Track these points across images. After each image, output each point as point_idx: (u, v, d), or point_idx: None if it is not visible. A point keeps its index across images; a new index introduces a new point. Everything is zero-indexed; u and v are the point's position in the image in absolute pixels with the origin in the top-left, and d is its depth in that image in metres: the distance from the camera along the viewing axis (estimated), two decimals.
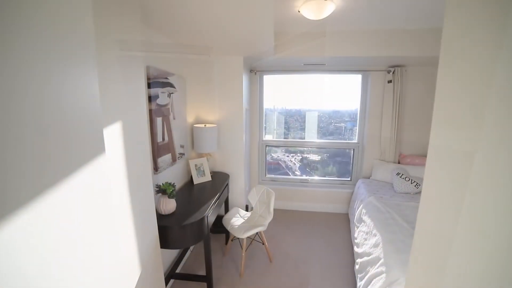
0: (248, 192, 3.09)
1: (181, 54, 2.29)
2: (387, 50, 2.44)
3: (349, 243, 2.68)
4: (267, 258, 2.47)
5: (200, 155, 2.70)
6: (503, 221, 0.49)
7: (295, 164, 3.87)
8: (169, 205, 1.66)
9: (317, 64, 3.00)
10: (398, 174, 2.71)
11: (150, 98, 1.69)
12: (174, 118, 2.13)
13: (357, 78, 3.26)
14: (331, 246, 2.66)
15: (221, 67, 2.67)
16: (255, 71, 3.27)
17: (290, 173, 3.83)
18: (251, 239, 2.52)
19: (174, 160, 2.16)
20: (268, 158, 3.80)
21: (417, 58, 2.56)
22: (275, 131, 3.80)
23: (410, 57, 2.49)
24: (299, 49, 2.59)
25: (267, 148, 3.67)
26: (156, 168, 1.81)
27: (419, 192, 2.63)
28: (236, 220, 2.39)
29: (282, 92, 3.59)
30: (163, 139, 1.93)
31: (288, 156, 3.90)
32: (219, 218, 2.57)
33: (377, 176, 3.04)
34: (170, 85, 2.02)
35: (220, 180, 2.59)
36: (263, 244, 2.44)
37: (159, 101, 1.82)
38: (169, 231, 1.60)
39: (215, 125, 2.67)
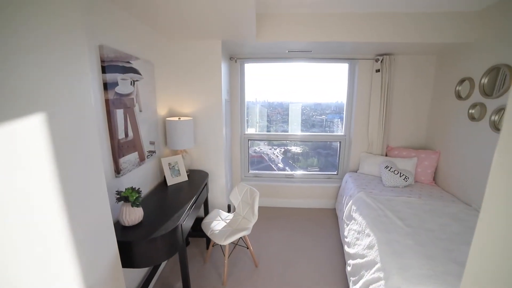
0: (230, 190, 2.85)
1: (147, 35, 1.94)
2: (376, 35, 2.28)
3: (338, 241, 2.56)
4: (253, 263, 2.27)
5: (175, 152, 2.40)
6: None
7: (277, 156, 3.70)
8: (134, 215, 1.37)
9: (302, 51, 2.79)
10: (386, 167, 2.62)
11: (106, 86, 1.36)
12: (140, 111, 1.81)
13: (344, 68, 3.10)
14: (319, 245, 2.52)
15: (197, 52, 2.36)
16: (235, 58, 2.98)
17: (273, 166, 3.66)
18: (234, 244, 2.30)
19: (142, 159, 1.85)
20: (251, 151, 3.57)
21: (405, 46, 2.44)
22: (257, 124, 3.56)
23: (399, 43, 2.35)
24: (284, 33, 2.35)
25: (249, 142, 3.43)
26: (117, 170, 1.50)
27: (408, 186, 2.56)
28: (217, 223, 2.15)
29: (265, 83, 3.34)
30: (127, 135, 1.62)
31: (271, 149, 3.71)
32: (199, 220, 2.31)
33: (365, 169, 2.94)
34: (134, 71, 1.69)
35: (198, 180, 2.31)
36: (247, 248, 2.23)
37: (118, 89, 1.49)
38: (134, 246, 1.31)
39: (191, 118, 2.37)
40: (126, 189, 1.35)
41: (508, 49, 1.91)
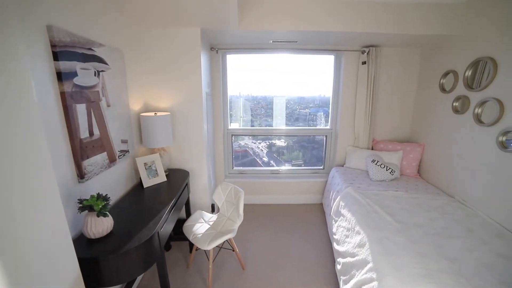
0: (213, 189, 2.69)
1: (115, 19, 1.71)
2: (362, 25, 2.20)
3: (327, 238, 2.52)
4: (239, 266, 2.16)
5: (152, 151, 2.20)
6: None
7: (262, 150, 3.60)
8: (101, 225, 1.19)
9: (287, 42, 2.65)
10: (373, 161, 2.59)
11: (60, 76, 1.15)
12: (108, 105, 1.59)
13: (329, 60, 3.01)
14: (308, 243, 2.46)
15: (174, 41, 2.15)
16: (217, 49, 2.79)
17: (258, 160, 3.57)
18: (219, 247, 2.17)
19: (112, 160, 1.64)
20: (236, 146, 3.43)
21: (391, 37, 2.38)
22: (241, 119, 3.41)
23: (384, 34, 2.29)
24: (268, 21, 2.19)
25: (233, 137, 3.28)
26: (81, 175, 1.30)
27: (394, 179, 2.56)
28: (200, 226, 2.00)
29: (248, 76, 3.18)
30: (92, 133, 1.40)
31: (255, 143, 3.60)
32: (181, 221, 2.15)
33: (351, 163, 2.91)
34: (98, 59, 1.46)
35: (178, 180, 2.14)
36: (233, 251, 2.11)
37: (78, 80, 1.27)
38: (101, 263, 1.14)
39: (169, 113, 2.17)
40: (91, 196, 1.16)
41: (492, 42, 1.90)
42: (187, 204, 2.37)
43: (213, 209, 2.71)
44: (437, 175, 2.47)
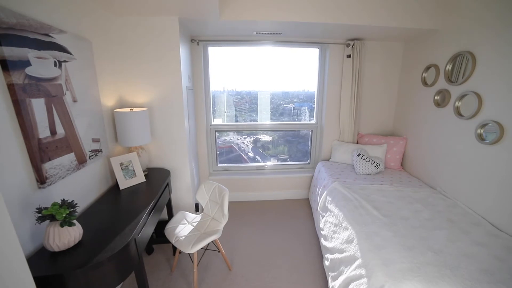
0: (197, 188, 2.58)
1: (79, 2, 1.52)
2: (347, 17, 2.15)
3: (314, 233, 2.50)
4: (226, 266, 2.08)
5: (129, 150, 2.04)
6: None
7: (247, 146, 3.52)
8: (67, 236, 1.05)
9: (271, 33, 2.56)
10: (359, 155, 2.60)
11: (5, 65, 0.98)
12: (75, 101, 1.43)
13: (314, 54, 2.96)
14: (295, 239, 2.43)
15: (150, 31, 1.99)
16: (197, 40, 2.64)
17: (244, 156, 3.49)
18: (204, 249, 2.08)
19: (82, 161, 1.48)
20: (220, 141, 3.33)
21: (375, 30, 2.36)
22: (225, 114, 3.30)
23: (369, 27, 2.26)
24: (251, 11, 2.09)
25: (217, 133, 3.16)
26: (41, 179, 1.14)
27: (379, 172, 2.58)
28: (183, 228, 1.90)
29: (232, 70, 3.06)
30: (54, 132, 1.24)
31: (240, 139, 3.51)
32: (163, 223, 2.03)
33: (337, 158, 2.90)
34: (59, 48, 1.29)
35: (158, 180, 2.01)
36: (219, 251, 2.03)
37: (32, 71, 1.11)
38: (67, 279, 1.01)
39: (146, 109, 2.02)
40: (52, 204, 1.01)
41: (471, 37, 1.93)
42: (169, 205, 2.24)
43: (197, 208, 2.60)
44: (419, 168, 2.53)
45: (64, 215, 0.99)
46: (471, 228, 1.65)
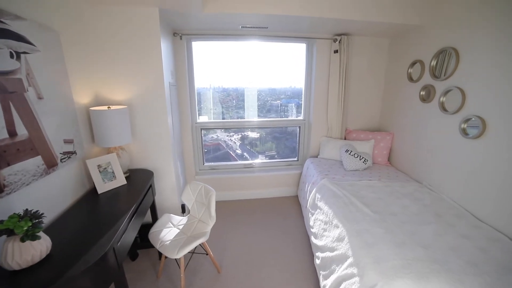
0: (183, 188, 2.48)
1: None
2: (334, 11, 2.11)
3: (304, 231, 2.48)
4: (215, 269, 2.01)
5: (108, 151, 1.90)
6: None
7: (235, 143, 3.46)
8: (29, 252, 0.93)
9: (257, 27, 2.47)
10: (347, 151, 2.59)
11: None
12: (40, 98, 1.28)
13: (301, 49, 2.91)
14: (285, 237, 2.40)
15: (128, 22, 1.85)
16: (180, 34, 2.51)
17: (231, 153, 3.42)
18: (191, 252, 1.99)
19: (51, 165, 1.35)
20: (208, 139, 3.23)
21: (362, 25, 2.34)
22: (211, 111, 3.19)
23: (356, 22, 2.24)
24: (236, 3, 1.99)
25: (203, 131, 3.06)
26: None
27: (367, 168, 2.59)
28: (168, 231, 1.80)
29: (218, 67, 2.95)
30: (13, 133, 1.10)
31: (228, 136, 3.43)
32: (148, 227, 1.92)
33: (325, 154, 2.89)
34: (16, 37, 1.14)
35: (140, 181, 1.90)
36: (207, 254, 1.96)
37: None
38: None
39: (125, 106, 1.89)
40: (9, 217, 0.89)
41: (454, 33, 1.95)
42: (153, 208, 2.13)
43: (183, 209, 2.50)
44: (405, 162, 2.56)
45: (25, 228, 0.88)
46: (456, 220, 1.68)
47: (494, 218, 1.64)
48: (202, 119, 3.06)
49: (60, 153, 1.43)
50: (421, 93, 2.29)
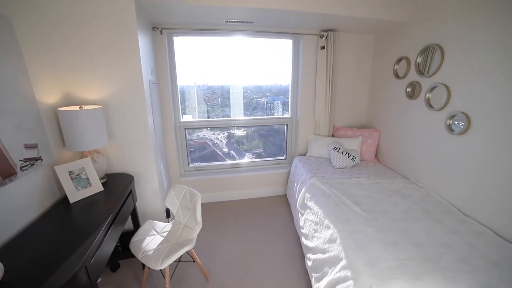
0: (167, 192, 2.34)
1: None
2: (321, 5, 2.06)
3: (294, 232, 2.43)
4: (203, 276, 1.91)
5: (81, 155, 1.74)
6: None
7: (221, 141, 3.35)
8: None
9: (242, 22, 2.37)
10: (335, 148, 2.57)
11: None
12: None
13: (287, 45, 2.84)
14: (275, 239, 2.33)
15: (99, 12, 1.68)
16: (160, 28, 2.35)
17: (218, 151, 3.32)
18: (177, 261, 1.87)
19: (8, 174, 1.18)
20: (194, 138, 3.11)
21: (349, 21, 2.30)
22: (196, 110, 3.06)
23: (343, 17, 2.19)
24: None
25: (188, 131, 2.92)
26: None
27: (356, 165, 2.58)
28: (151, 240, 1.68)
29: (202, 64, 2.82)
30: None
31: (214, 134, 3.32)
32: (130, 234, 1.78)
33: (313, 152, 2.86)
34: None
35: (119, 187, 1.75)
36: (194, 261, 1.85)
37: None
38: None
39: (100, 106, 1.73)
40: None
41: (439, 29, 1.95)
42: (134, 214, 1.99)
43: (168, 214, 2.36)
44: (393, 159, 2.58)
45: None
46: (445, 216, 1.69)
47: (478, 212, 1.67)
48: (186, 118, 2.92)
49: (20, 160, 1.26)
50: (407, 89, 2.29)
